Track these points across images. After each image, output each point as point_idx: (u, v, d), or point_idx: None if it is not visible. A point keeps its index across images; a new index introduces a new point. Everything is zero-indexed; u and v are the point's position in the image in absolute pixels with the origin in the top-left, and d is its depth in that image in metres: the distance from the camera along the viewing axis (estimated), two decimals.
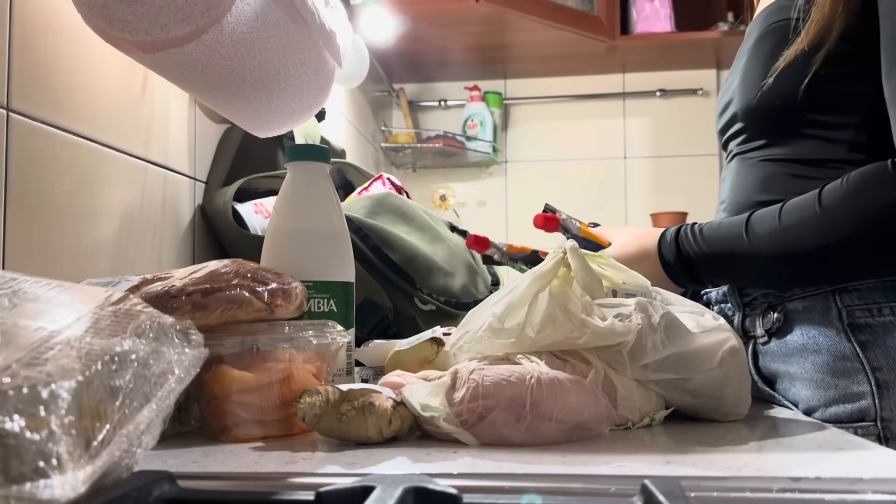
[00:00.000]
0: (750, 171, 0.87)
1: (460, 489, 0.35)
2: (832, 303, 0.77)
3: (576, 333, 0.59)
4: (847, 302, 0.76)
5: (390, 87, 2.48)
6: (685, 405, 0.64)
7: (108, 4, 0.66)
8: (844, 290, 0.76)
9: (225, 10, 0.68)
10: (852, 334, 0.75)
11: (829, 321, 0.77)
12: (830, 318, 0.77)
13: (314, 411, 0.52)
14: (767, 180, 0.84)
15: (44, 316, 0.36)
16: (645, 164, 2.58)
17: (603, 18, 2.22)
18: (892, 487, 0.40)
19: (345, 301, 0.72)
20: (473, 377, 0.54)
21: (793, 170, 0.82)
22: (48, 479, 0.29)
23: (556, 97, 2.61)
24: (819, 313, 0.78)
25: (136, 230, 0.93)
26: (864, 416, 0.74)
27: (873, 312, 0.75)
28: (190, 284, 0.58)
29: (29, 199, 0.73)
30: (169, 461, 0.49)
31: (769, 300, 0.83)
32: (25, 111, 0.72)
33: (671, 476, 0.43)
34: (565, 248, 0.64)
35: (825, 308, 0.77)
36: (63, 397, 0.31)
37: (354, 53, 1.57)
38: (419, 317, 1.04)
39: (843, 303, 0.76)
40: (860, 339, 0.75)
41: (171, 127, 1.02)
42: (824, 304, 0.77)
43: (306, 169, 0.73)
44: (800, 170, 0.82)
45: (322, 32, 0.82)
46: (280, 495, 0.37)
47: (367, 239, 1.02)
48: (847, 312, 0.76)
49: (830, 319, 0.77)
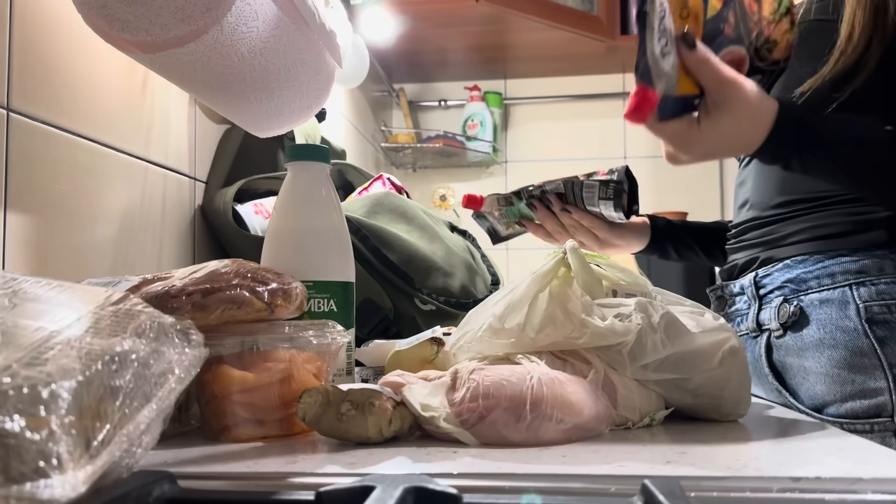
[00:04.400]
0: (773, 169, 0.87)
1: (460, 489, 0.35)
2: (850, 298, 0.77)
3: (576, 333, 0.59)
4: (865, 297, 0.76)
5: (390, 87, 2.47)
6: (685, 405, 0.64)
7: (108, 4, 0.66)
8: (862, 285, 0.77)
9: (225, 10, 0.68)
10: (870, 330, 0.75)
11: (846, 316, 0.77)
12: (848, 313, 0.77)
13: (314, 411, 0.52)
14: (793, 178, 0.84)
15: (44, 316, 0.36)
16: (645, 164, 2.57)
17: (603, 18, 2.22)
18: (892, 487, 0.40)
19: (345, 301, 0.72)
20: (473, 377, 0.54)
21: None
22: (48, 479, 0.29)
23: (556, 97, 2.61)
24: (836, 308, 0.78)
25: (136, 230, 0.93)
26: (881, 411, 0.74)
27: (891, 308, 0.75)
28: (190, 284, 0.58)
29: (29, 199, 0.73)
30: (169, 461, 0.49)
31: (785, 293, 0.83)
32: (25, 111, 0.72)
33: (671, 476, 0.43)
34: (565, 247, 0.64)
35: (843, 303, 0.77)
36: (63, 397, 0.31)
37: (354, 53, 1.57)
38: (419, 317, 1.04)
39: (860, 298, 0.76)
40: (878, 335, 0.75)
41: (171, 127, 1.02)
42: (842, 298, 0.77)
43: (306, 169, 0.73)
44: None
45: (322, 32, 0.82)
46: (280, 495, 0.37)
47: (366, 240, 1.02)
48: (865, 308, 0.76)
49: (848, 314, 0.77)
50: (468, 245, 1.19)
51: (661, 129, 0.70)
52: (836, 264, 0.79)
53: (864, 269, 0.77)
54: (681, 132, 0.69)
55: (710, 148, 0.70)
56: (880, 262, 0.77)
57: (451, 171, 2.64)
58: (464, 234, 1.22)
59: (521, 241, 1.31)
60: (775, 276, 0.84)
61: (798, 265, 0.82)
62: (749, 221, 0.91)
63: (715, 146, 0.70)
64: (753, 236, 0.89)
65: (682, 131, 0.69)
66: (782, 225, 0.85)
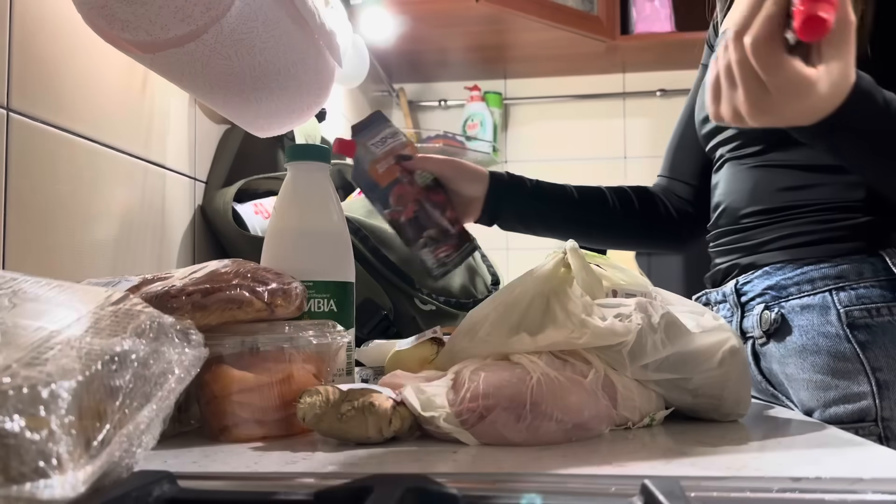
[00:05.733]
0: (745, 175, 0.86)
1: (460, 489, 0.35)
2: (830, 303, 0.77)
3: (576, 333, 0.59)
4: (845, 302, 0.76)
5: (390, 87, 2.47)
6: (685, 405, 0.64)
7: (108, 4, 0.66)
8: (842, 290, 0.76)
9: (225, 10, 0.68)
10: (851, 334, 0.75)
11: (828, 322, 0.77)
12: (829, 319, 0.77)
13: (314, 411, 0.52)
14: (763, 185, 0.84)
15: (44, 316, 0.36)
16: (645, 164, 2.57)
17: (603, 18, 2.22)
18: (892, 487, 0.40)
19: (345, 301, 0.72)
20: (473, 377, 0.54)
21: (790, 175, 0.82)
22: (48, 479, 0.29)
23: (556, 97, 2.61)
24: (817, 314, 0.78)
25: (136, 230, 0.93)
26: (865, 416, 0.74)
27: (872, 313, 0.75)
28: (190, 284, 0.58)
29: (29, 199, 0.73)
30: (169, 461, 0.49)
31: (766, 300, 0.83)
32: (25, 111, 0.72)
33: (671, 476, 0.43)
34: (565, 248, 0.64)
35: (823, 309, 0.77)
36: (63, 397, 0.31)
37: (354, 53, 1.57)
38: (419, 317, 1.04)
39: (841, 303, 0.76)
40: (860, 340, 0.75)
41: (171, 127, 1.02)
42: (822, 304, 0.77)
43: (306, 169, 0.73)
44: (798, 175, 0.82)
45: (322, 32, 0.82)
46: (280, 495, 0.37)
47: (366, 240, 1.03)
48: (846, 313, 0.76)
49: (829, 320, 0.77)
50: None
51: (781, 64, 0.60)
52: (815, 270, 0.78)
53: (843, 273, 0.77)
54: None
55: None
56: (859, 266, 0.76)
57: None
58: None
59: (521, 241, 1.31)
60: (755, 283, 0.84)
61: (777, 272, 0.81)
62: (725, 227, 0.90)
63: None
64: (731, 241, 0.89)
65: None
66: (758, 232, 0.85)
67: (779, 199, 0.83)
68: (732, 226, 0.88)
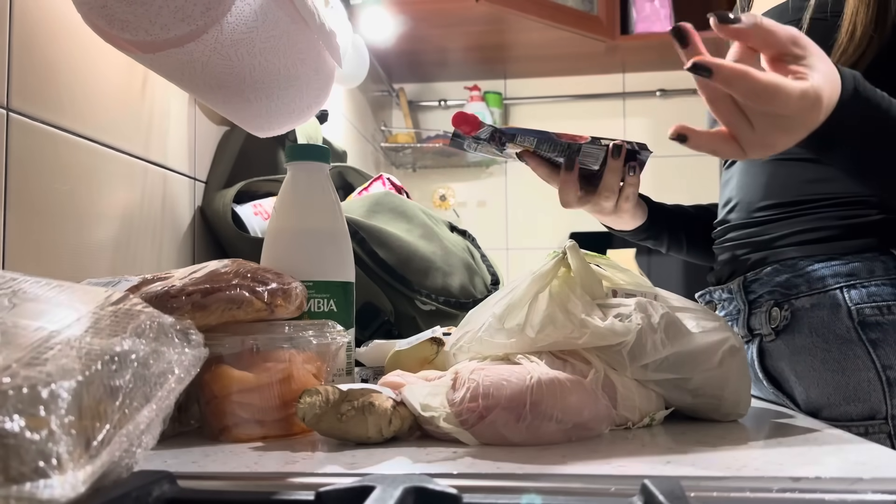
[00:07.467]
0: (760, 169, 0.86)
1: (460, 489, 0.35)
2: (841, 301, 0.77)
3: (576, 333, 0.59)
4: (856, 300, 0.76)
5: (390, 87, 2.48)
6: (685, 405, 0.64)
7: (108, 4, 0.66)
8: (853, 288, 0.76)
9: (225, 10, 0.68)
10: (862, 332, 0.75)
11: (838, 319, 0.77)
12: (840, 316, 0.76)
13: (314, 411, 0.52)
14: (779, 179, 0.84)
15: (44, 316, 0.36)
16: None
17: (603, 18, 2.22)
18: (892, 487, 0.40)
19: (345, 301, 0.72)
20: (473, 377, 0.54)
21: (806, 169, 0.82)
22: (48, 479, 0.29)
23: (556, 97, 2.61)
24: (828, 311, 0.77)
25: (136, 230, 0.93)
26: (875, 414, 0.74)
27: (883, 310, 0.75)
28: (190, 284, 0.58)
29: (29, 199, 0.73)
30: (169, 461, 0.49)
31: (775, 297, 0.83)
32: (25, 111, 0.72)
33: (671, 476, 0.43)
34: (565, 247, 0.64)
35: (834, 306, 0.77)
36: (63, 397, 0.31)
37: (354, 53, 1.57)
38: (419, 317, 1.04)
39: (852, 301, 0.76)
40: (871, 338, 0.75)
41: (171, 127, 1.02)
42: (833, 301, 0.77)
43: (306, 169, 0.73)
44: (814, 169, 0.81)
45: (322, 32, 0.82)
46: (280, 495, 0.37)
47: (363, 242, 1.02)
48: (857, 310, 0.76)
49: (840, 317, 0.76)
50: (468, 245, 1.19)
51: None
52: (826, 267, 0.78)
53: (854, 271, 0.77)
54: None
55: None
56: (870, 264, 0.77)
57: (451, 171, 2.64)
58: (463, 234, 1.22)
59: (521, 242, 1.31)
60: (764, 279, 0.84)
61: (787, 269, 0.81)
62: (735, 222, 0.90)
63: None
64: (743, 235, 0.88)
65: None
66: (771, 227, 0.85)
67: (794, 193, 0.82)
68: (745, 220, 0.88)
